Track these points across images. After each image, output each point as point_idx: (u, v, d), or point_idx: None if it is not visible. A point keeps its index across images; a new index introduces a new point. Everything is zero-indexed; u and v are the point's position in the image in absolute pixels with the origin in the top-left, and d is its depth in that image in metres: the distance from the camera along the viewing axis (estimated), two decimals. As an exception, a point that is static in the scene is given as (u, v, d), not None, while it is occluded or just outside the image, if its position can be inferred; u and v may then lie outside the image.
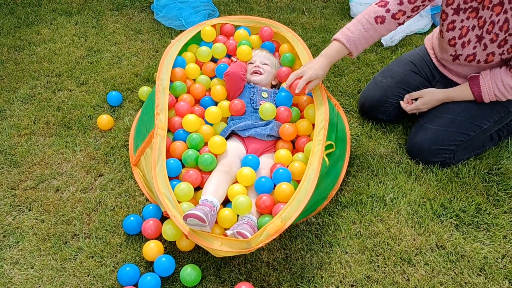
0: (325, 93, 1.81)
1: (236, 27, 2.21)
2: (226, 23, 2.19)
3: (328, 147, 1.68)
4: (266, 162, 1.75)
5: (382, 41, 2.61)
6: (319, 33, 2.72)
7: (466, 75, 1.85)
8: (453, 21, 1.74)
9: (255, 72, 1.98)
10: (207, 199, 1.51)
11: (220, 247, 1.40)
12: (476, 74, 1.77)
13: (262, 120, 1.84)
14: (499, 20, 1.63)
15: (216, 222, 1.55)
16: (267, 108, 1.80)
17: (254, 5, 2.97)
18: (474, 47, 1.74)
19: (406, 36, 2.66)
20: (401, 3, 1.73)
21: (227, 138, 1.81)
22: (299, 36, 2.09)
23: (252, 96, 1.92)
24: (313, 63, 1.77)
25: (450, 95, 1.84)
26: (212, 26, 2.19)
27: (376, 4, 1.77)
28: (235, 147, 1.77)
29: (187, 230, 1.44)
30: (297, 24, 2.80)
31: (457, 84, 1.88)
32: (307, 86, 1.74)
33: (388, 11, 1.74)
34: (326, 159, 1.62)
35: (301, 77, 1.74)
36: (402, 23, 1.78)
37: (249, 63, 2.03)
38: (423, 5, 1.74)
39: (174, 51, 1.98)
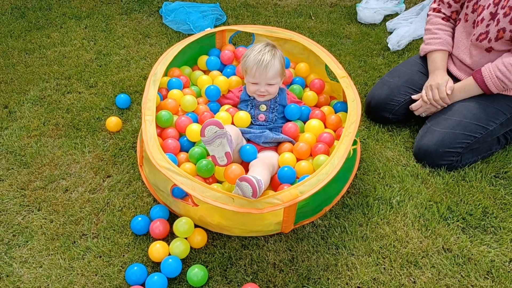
0: (356, 90, 1.86)
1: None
2: (239, 48, 2.23)
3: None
4: (267, 155, 1.76)
5: (389, 45, 2.62)
6: (326, 38, 2.73)
7: (475, 65, 1.88)
8: (477, 1, 1.84)
9: (259, 95, 1.88)
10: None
11: (232, 205, 1.47)
12: (479, 68, 1.83)
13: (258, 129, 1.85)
14: None
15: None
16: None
17: (261, 9, 2.99)
18: (488, 25, 1.78)
19: (413, 40, 2.67)
20: (450, 6, 1.97)
21: None
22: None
23: (249, 111, 1.89)
24: (436, 79, 1.90)
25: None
26: (220, 33, 2.23)
27: (432, 13, 2.01)
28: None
29: (197, 195, 1.49)
30: (304, 28, 2.82)
31: None
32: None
33: (444, 14, 1.99)
34: (351, 151, 1.66)
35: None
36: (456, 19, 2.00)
37: (253, 83, 1.85)
38: None
39: (173, 52, 2.03)
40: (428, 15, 2.04)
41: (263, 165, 1.65)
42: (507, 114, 1.83)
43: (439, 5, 2.00)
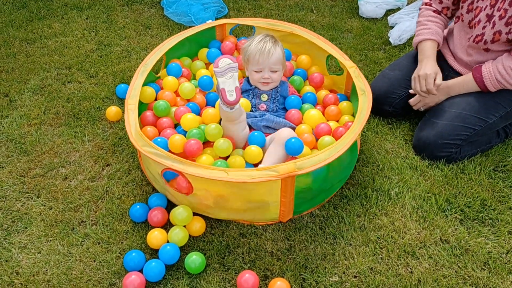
0: (366, 81, 1.86)
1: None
2: (241, 40, 2.22)
3: None
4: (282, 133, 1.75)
5: (390, 39, 2.62)
6: (328, 31, 2.73)
7: (473, 63, 1.88)
8: (472, 2, 1.82)
9: (263, 83, 1.89)
10: None
11: (227, 177, 1.46)
12: (479, 64, 1.82)
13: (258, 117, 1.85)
14: None
15: None
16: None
17: (263, 2, 2.99)
18: (484, 27, 1.77)
19: (414, 34, 2.66)
20: (441, 2, 1.97)
21: None
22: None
23: (251, 100, 1.90)
24: (425, 69, 1.87)
25: (450, 84, 1.88)
26: (220, 25, 2.22)
27: (425, 7, 2.01)
28: None
29: (190, 172, 1.49)
30: (305, 22, 2.82)
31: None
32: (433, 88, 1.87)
33: (435, 10, 1.98)
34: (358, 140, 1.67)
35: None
36: (451, 17, 2.01)
37: (256, 71, 1.87)
38: None
39: (169, 44, 2.04)
40: (420, 9, 2.05)
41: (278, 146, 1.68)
42: (507, 107, 1.83)
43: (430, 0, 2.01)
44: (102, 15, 2.82)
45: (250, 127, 1.82)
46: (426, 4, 2.02)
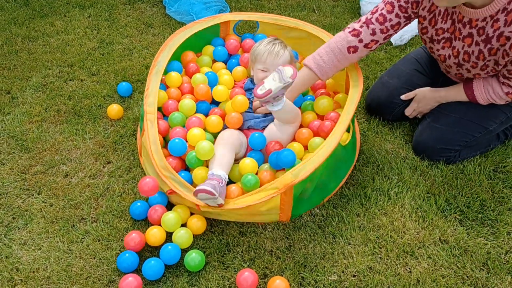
0: (361, 73, 1.84)
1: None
2: (246, 40, 2.22)
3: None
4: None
5: (391, 40, 2.62)
6: (329, 31, 2.72)
7: (460, 81, 1.87)
8: (431, 48, 1.79)
9: None
10: (214, 173, 1.58)
11: (234, 205, 1.54)
12: (470, 81, 1.78)
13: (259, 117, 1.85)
14: (473, 51, 1.65)
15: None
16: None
17: (265, 2, 2.99)
18: (458, 70, 1.76)
19: (416, 35, 2.67)
20: (373, 34, 1.75)
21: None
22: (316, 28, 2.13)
23: (253, 98, 1.90)
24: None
25: (442, 94, 1.86)
26: (224, 22, 2.22)
27: (349, 32, 1.78)
28: (234, 131, 1.79)
29: (200, 203, 1.55)
30: (307, 22, 2.81)
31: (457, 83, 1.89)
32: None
33: (360, 41, 1.76)
34: (351, 127, 1.69)
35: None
36: (374, 50, 1.82)
37: (262, 70, 1.88)
38: (395, 32, 1.77)
39: (178, 40, 2.02)
40: (344, 29, 1.81)
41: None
42: (507, 113, 1.82)
43: (361, 27, 1.75)
44: (104, 13, 2.83)
45: (252, 128, 1.83)
46: (352, 31, 1.76)
